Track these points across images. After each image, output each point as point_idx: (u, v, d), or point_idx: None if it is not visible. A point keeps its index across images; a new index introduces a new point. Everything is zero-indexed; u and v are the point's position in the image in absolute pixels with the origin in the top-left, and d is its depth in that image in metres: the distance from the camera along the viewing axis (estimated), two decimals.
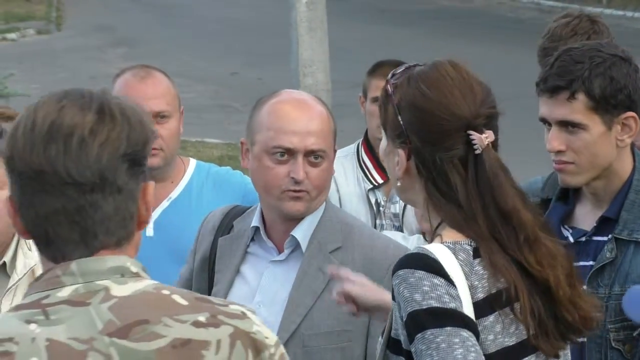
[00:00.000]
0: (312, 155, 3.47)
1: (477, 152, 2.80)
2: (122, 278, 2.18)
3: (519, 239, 2.79)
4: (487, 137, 2.81)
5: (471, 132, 2.81)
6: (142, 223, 2.26)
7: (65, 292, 2.14)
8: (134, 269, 2.21)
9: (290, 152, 3.45)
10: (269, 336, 2.27)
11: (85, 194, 2.14)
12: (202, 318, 2.18)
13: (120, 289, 2.17)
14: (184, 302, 2.21)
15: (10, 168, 2.20)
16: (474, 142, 2.80)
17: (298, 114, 3.52)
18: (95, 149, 2.13)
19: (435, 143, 2.84)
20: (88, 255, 2.17)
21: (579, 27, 4.69)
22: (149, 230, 4.24)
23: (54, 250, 2.19)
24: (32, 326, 2.08)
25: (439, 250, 2.77)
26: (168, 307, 2.19)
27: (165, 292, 2.22)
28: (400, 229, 4.87)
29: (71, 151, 2.13)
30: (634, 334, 3.23)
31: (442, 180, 2.85)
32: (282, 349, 2.29)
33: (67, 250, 2.17)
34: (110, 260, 2.19)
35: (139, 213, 2.24)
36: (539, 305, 2.81)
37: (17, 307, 2.18)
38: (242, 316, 2.24)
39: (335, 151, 3.64)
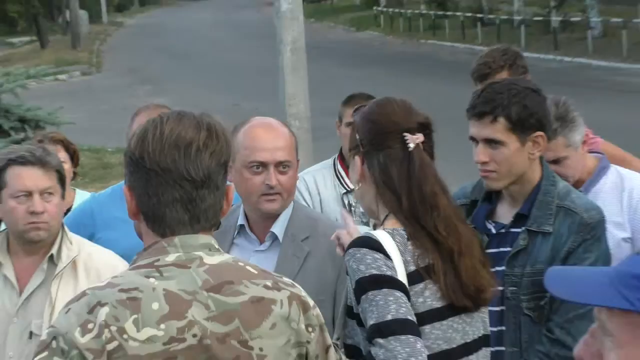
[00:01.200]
0: (281, 166, 3.51)
1: (410, 149, 2.91)
2: (210, 252, 2.32)
3: (433, 214, 2.87)
4: (417, 138, 2.92)
5: (405, 134, 2.91)
6: (222, 214, 2.41)
7: (171, 258, 2.27)
8: (216, 246, 2.36)
9: (263, 165, 3.48)
10: (310, 301, 2.41)
11: (197, 189, 2.29)
12: (268, 283, 2.34)
13: (210, 259, 2.30)
14: (254, 271, 2.37)
15: (137, 165, 2.30)
16: (407, 141, 2.91)
17: (267, 135, 3.57)
18: (207, 157, 2.29)
19: (380, 144, 2.96)
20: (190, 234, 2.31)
21: (510, 50, 4.74)
22: None
23: (165, 228, 2.31)
24: (151, 280, 2.22)
25: (380, 234, 2.87)
26: (245, 273, 2.34)
27: (241, 263, 2.40)
28: (367, 224, 4.85)
29: (190, 156, 2.27)
30: (541, 303, 3.25)
31: (384, 173, 2.94)
32: (318, 310, 2.44)
33: (176, 229, 2.30)
34: (201, 238, 2.32)
35: (223, 207, 2.38)
36: (447, 270, 2.89)
37: (136, 267, 2.30)
38: (293, 285, 2.41)
39: (298, 161, 3.67)
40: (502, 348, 3.29)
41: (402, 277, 2.84)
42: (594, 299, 1.46)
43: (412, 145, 2.93)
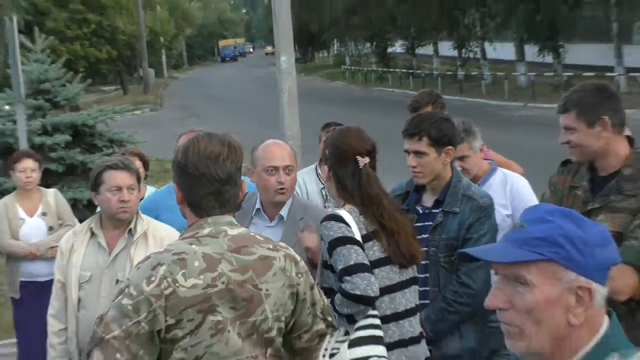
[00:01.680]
0: (287, 169, 3.47)
1: (360, 167, 2.98)
2: (232, 227, 2.30)
3: (379, 208, 2.96)
4: (365, 160, 3.00)
5: (358, 157, 2.99)
6: (239, 200, 2.42)
7: (206, 231, 2.26)
8: (236, 223, 2.34)
9: (276, 168, 3.45)
10: (298, 257, 2.41)
11: (223, 186, 2.27)
12: (270, 246, 2.34)
13: (232, 231, 2.28)
14: (260, 238, 2.36)
15: (182, 170, 2.29)
16: (358, 162, 2.99)
17: (277, 149, 3.54)
18: (229, 164, 2.28)
19: (340, 163, 3.03)
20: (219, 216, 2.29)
21: (433, 92, 4.76)
22: None
23: (202, 211, 2.29)
24: (193, 246, 2.23)
25: (342, 212, 2.95)
26: (255, 240, 2.33)
27: (252, 233, 2.40)
28: (337, 208, 4.92)
29: (218, 164, 2.26)
30: (452, 258, 3.25)
31: (341, 182, 3.02)
32: (303, 262, 2.43)
33: (209, 212, 2.29)
34: (226, 218, 2.31)
35: (239, 196, 2.37)
36: (391, 243, 2.97)
37: (183, 238, 2.31)
38: (287, 248, 2.40)
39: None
40: (427, 288, 3.31)
41: (358, 237, 2.89)
42: (518, 257, 1.48)
43: (361, 165, 2.99)
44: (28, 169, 5.39)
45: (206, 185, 2.26)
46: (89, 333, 2.30)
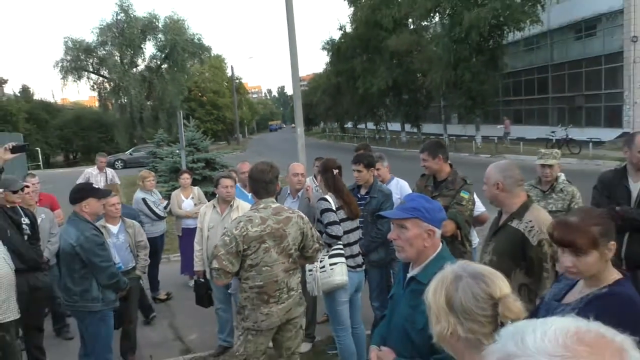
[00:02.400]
0: (301, 175, 3.37)
1: (334, 174, 2.84)
2: (274, 203, 2.12)
3: (342, 192, 2.80)
4: (337, 171, 2.85)
5: (333, 169, 2.85)
6: (276, 190, 2.25)
7: (261, 206, 2.10)
8: (275, 201, 2.15)
9: (297, 174, 3.35)
10: (305, 216, 2.27)
11: (268, 184, 2.11)
12: (291, 211, 2.15)
13: (273, 205, 2.16)
14: (286, 208, 2.19)
15: (250, 177, 2.17)
16: (334, 171, 2.84)
17: (297, 166, 3.43)
18: (270, 175, 2.11)
19: (326, 172, 2.87)
20: (267, 198, 2.13)
21: (365, 143, 4.69)
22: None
23: (259, 196, 2.13)
24: (255, 213, 2.03)
25: (327, 196, 2.78)
26: (283, 209, 2.16)
27: (283, 206, 2.21)
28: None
29: (265, 174, 2.10)
30: (375, 218, 3.08)
31: (327, 182, 2.85)
32: (307, 218, 2.26)
33: (262, 197, 2.12)
34: (270, 199, 2.15)
35: (276, 189, 2.20)
36: (347, 208, 2.81)
37: (251, 209, 2.14)
38: (299, 212, 2.26)
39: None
40: (362, 231, 3.22)
41: (334, 208, 2.76)
42: (403, 216, 1.46)
43: (335, 173, 2.87)
44: (186, 178, 5.39)
45: (260, 184, 2.18)
46: (211, 252, 2.25)
